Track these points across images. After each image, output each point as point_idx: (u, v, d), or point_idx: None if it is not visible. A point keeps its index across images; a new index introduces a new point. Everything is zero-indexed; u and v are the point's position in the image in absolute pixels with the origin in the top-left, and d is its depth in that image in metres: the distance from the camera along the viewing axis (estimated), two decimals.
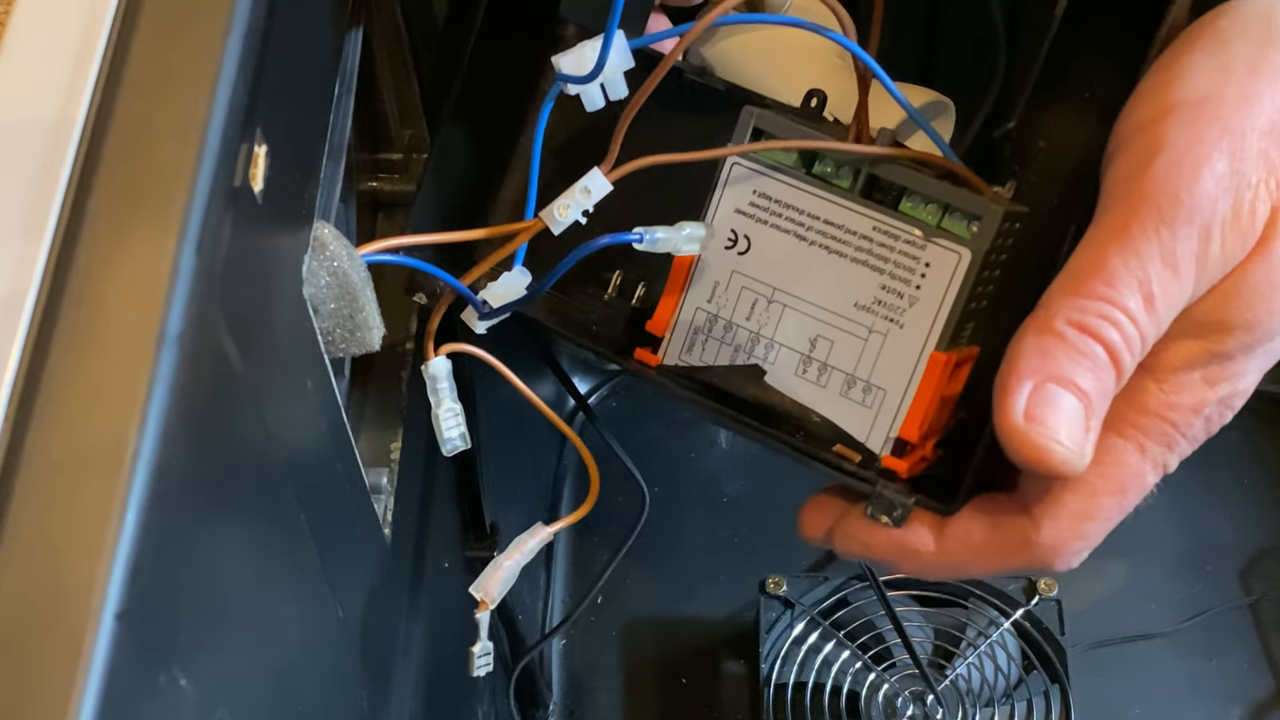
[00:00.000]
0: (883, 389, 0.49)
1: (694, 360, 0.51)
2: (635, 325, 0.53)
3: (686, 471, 0.96)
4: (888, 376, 0.49)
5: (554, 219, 0.49)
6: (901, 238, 0.48)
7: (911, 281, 0.48)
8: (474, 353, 0.53)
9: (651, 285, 0.53)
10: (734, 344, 0.51)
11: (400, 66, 0.58)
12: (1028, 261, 0.48)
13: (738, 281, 0.51)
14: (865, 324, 0.49)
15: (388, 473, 0.54)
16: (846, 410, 0.50)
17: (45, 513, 0.30)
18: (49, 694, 0.28)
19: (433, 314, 0.52)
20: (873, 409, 0.49)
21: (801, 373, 0.50)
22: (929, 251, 0.48)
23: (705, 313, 0.51)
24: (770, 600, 0.85)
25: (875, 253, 0.49)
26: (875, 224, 0.48)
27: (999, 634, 0.83)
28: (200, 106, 0.34)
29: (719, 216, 0.50)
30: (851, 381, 0.50)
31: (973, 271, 0.47)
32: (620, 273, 0.54)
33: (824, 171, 0.49)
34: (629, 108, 0.48)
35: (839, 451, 0.50)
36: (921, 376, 0.48)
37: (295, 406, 0.42)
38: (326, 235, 0.44)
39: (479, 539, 0.72)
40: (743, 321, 0.51)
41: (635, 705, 0.90)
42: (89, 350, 0.31)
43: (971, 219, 0.47)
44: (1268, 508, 0.97)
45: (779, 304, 0.50)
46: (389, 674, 0.55)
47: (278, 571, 0.42)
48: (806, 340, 0.50)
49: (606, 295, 0.54)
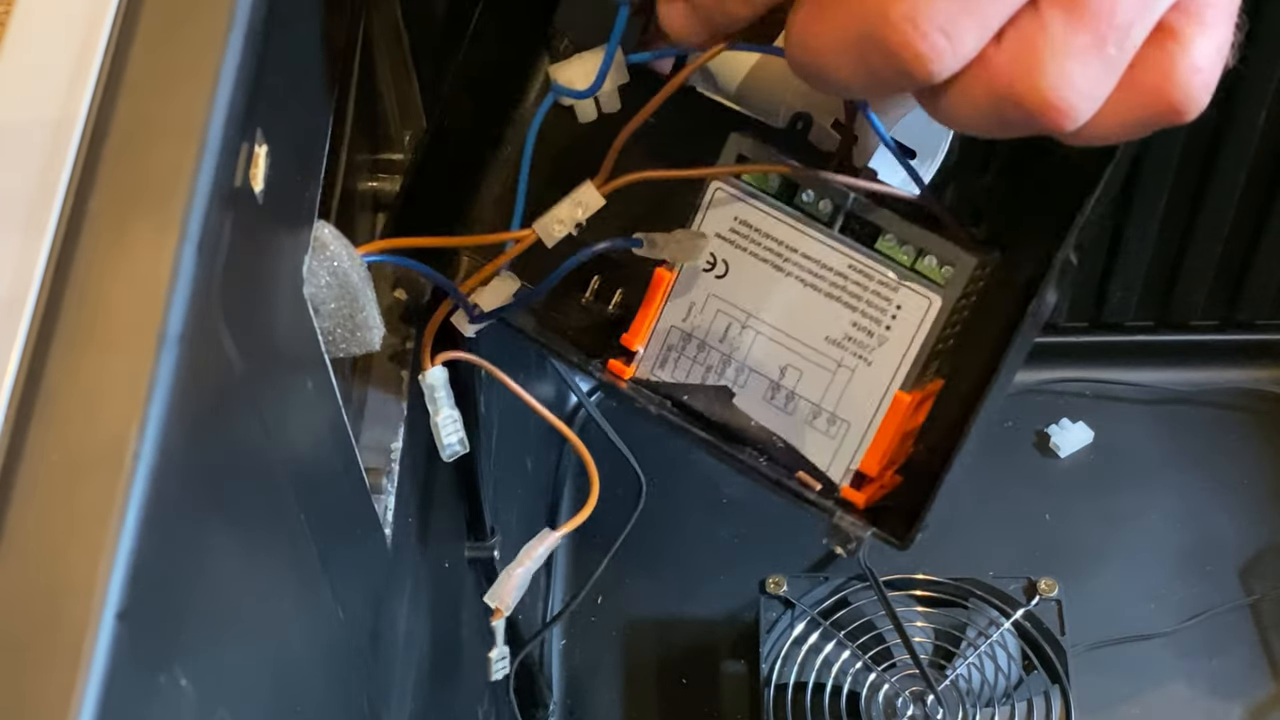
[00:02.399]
0: (847, 421, 0.51)
1: (665, 376, 0.52)
2: (610, 333, 0.54)
3: (686, 471, 0.96)
4: (852, 410, 0.50)
5: (549, 233, 0.50)
6: (875, 278, 0.49)
7: (882, 321, 0.49)
8: (472, 360, 0.53)
9: (629, 293, 0.54)
10: (706, 364, 0.52)
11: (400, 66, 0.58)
12: (997, 301, 0.49)
13: (713, 304, 0.51)
14: (834, 358, 0.50)
15: (388, 473, 0.54)
16: (810, 439, 0.51)
17: (45, 513, 0.30)
18: (49, 694, 0.28)
19: (429, 324, 0.52)
20: (836, 440, 0.51)
21: (769, 399, 0.52)
22: (901, 294, 0.49)
23: (680, 331, 0.52)
24: (770, 600, 0.85)
25: (849, 290, 0.50)
26: (851, 262, 0.49)
27: (999, 634, 0.83)
28: (200, 106, 0.34)
29: None
30: (817, 412, 0.51)
31: (943, 316, 0.48)
32: (598, 278, 0.54)
33: (804, 203, 0.50)
34: (625, 129, 0.49)
35: (800, 478, 0.51)
36: (885, 414, 0.50)
37: (295, 406, 0.42)
38: (327, 235, 0.44)
39: (479, 539, 0.72)
40: (716, 343, 0.52)
41: (635, 705, 0.91)
42: (89, 350, 0.31)
43: (944, 263, 0.48)
44: (1268, 508, 0.97)
45: (752, 330, 0.51)
46: (389, 674, 0.55)
47: (278, 572, 0.42)
48: (776, 368, 0.51)
49: (584, 299, 0.54)
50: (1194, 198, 0.92)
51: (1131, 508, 0.97)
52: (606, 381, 0.53)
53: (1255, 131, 0.88)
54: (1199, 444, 1.00)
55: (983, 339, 0.49)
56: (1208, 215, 0.93)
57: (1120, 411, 1.02)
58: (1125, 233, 0.94)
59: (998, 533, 0.94)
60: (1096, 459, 1.00)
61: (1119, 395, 1.02)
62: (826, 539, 0.50)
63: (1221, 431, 1.01)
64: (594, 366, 0.54)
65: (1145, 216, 0.93)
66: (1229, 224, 0.93)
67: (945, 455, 0.50)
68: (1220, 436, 1.01)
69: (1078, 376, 1.02)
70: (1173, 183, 0.91)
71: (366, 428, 0.55)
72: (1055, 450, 0.99)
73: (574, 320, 0.54)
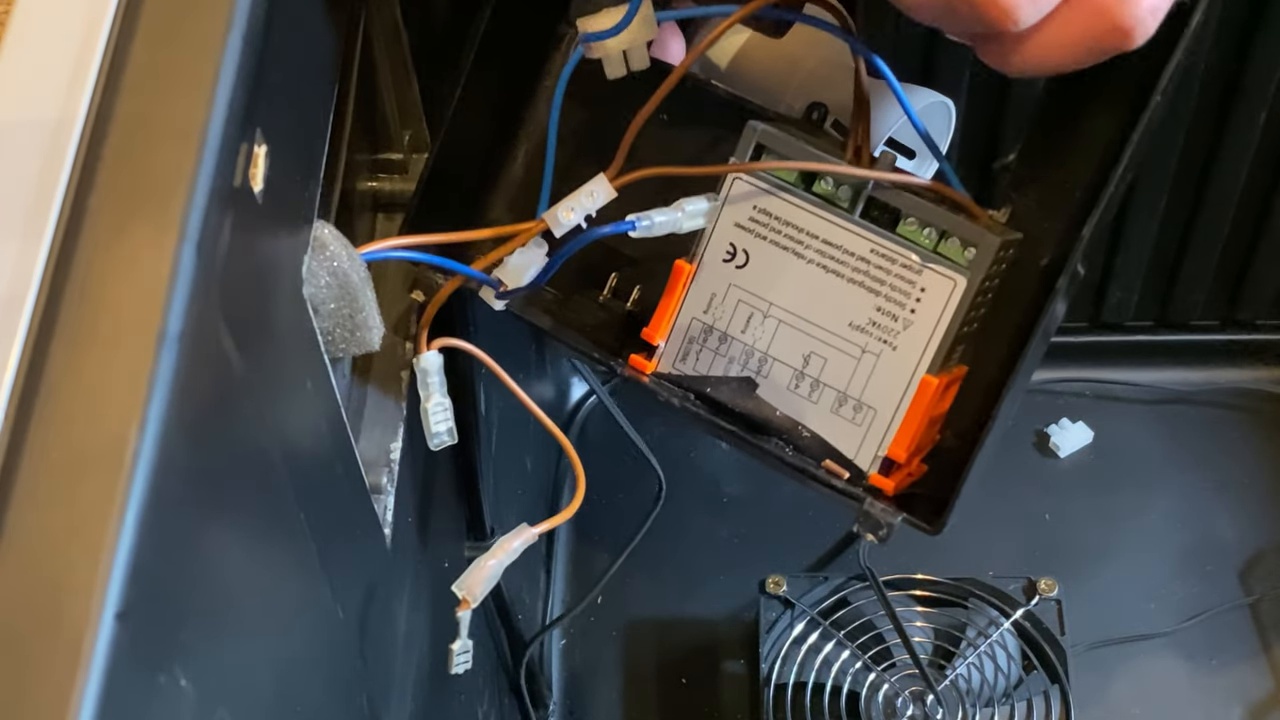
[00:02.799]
0: (873, 408, 0.50)
1: (688, 369, 0.52)
2: (629, 329, 0.53)
3: (687, 471, 0.96)
4: (879, 396, 0.50)
5: (558, 221, 0.49)
6: (898, 261, 0.49)
7: (906, 305, 0.49)
8: (467, 349, 0.53)
9: (647, 289, 0.54)
10: (728, 355, 0.52)
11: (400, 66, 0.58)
12: (1020, 285, 0.49)
13: (734, 294, 0.51)
14: (859, 344, 0.50)
15: (388, 473, 0.54)
16: (836, 427, 0.51)
17: (45, 513, 0.30)
18: (49, 694, 0.28)
19: (427, 308, 0.52)
20: (862, 427, 0.50)
21: (794, 388, 0.51)
22: (925, 276, 0.48)
23: (701, 323, 0.52)
24: (770, 600, 0.85)
25: (872, 274, 0.49)
26: (873, 246, 0.49)
27: (999, 634, 0.83)
28: (200, 106, 0.34)
29: (719, 229, 0.51)
30: (843, 399, 0.50)
31: (968, 298, 0.48)
32: (616, 275, 0.54)
33: (824, 190, 0.50)
34: (636, 119, 0.49)
35: (828, 467, 0.51)
36: (912, 399, 0.49)
37: (295, 406, 0.42)
38: (326, 235, 0.44)
39: (479, 539, 0.72)
40: (738, 334, 0.51)
41: (635, 705, 0.90)
42: (89, 350, 0.31)
43: (967, 245, 0.48)
44: (1268, 508, 0.97)
45: (774, 319, 0.51)
46: (389, 674, 0.55)
47: (278, 571, 0.42)
48: (800, 356, 0.51)
49: (601, 297, 0.54)
50: (1194, 198, 0.92)
51: (1131, 508, 0.97)
52: (629, 377, 0.53)
53: (1255, 131, 0.88)
54: (1199, 444, 1.00)
55: (1005, 324, 0.49)
56: (1208, 215, 0.92)
57: (1120, 411, 1.02)
58: (1125, 233, 0.94)
59: (997, 533, 0.94)
60: (1096, 459, 1.00)
61: (1119, 395, 1.02)
62: (857, 526, 0.50)
63: (1221, 431, 1.01)
64: (616, 363, 0.53)
65: (1145, 216, 0.93)
66: (1229, 224, 0.93)
67: (973, 441, 0.49)
68: (1220, 436, 1.01)
69: (1077, 376, 1.02)
70: (1173, 183, 0.90)
71: (366, 428, 0.55)
72: (1055, 450, 0.99)
73: (591, 318, 0.54)
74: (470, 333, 0.59)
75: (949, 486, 0.49)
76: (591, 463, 0.55)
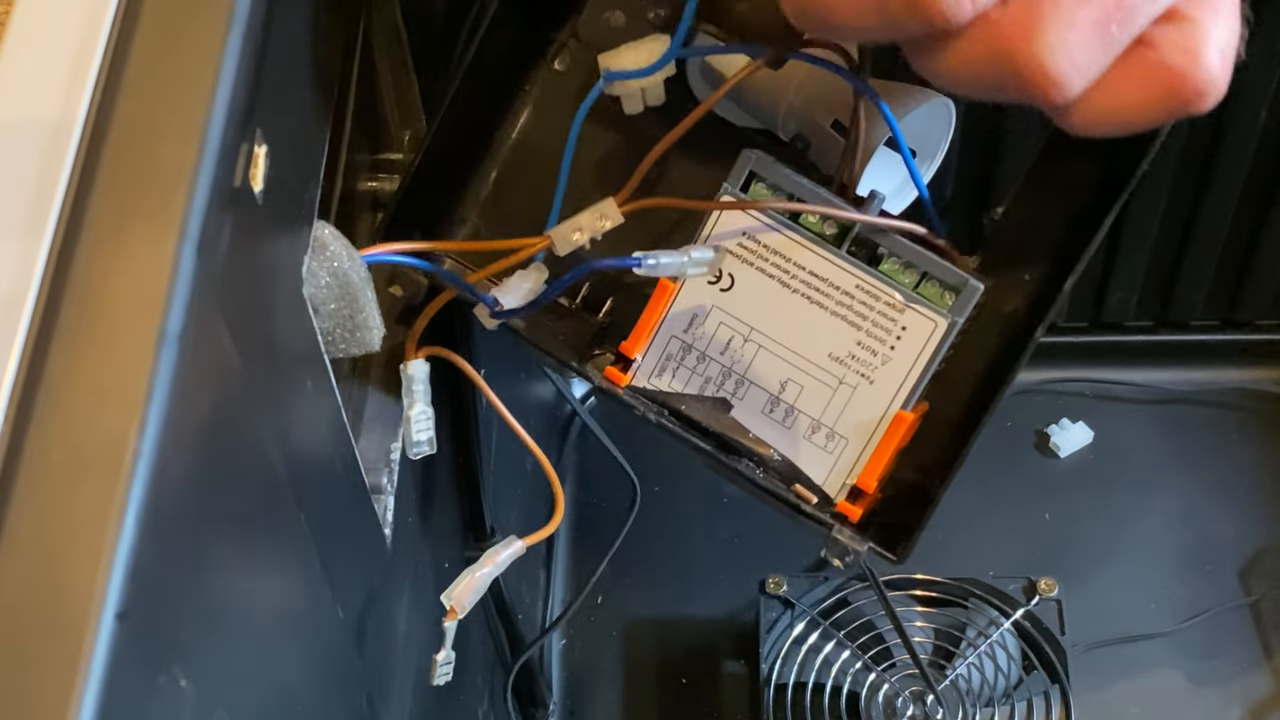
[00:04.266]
0: (845, 438, 0.52)
1: (663, 385, 0.53)
2: (600, 340, 0.54)
3: (686, 472, 0.96)
4: (851, 427, 0.51)
5: (565, 240, 0.50)
6: (882, 299, 0.50)
7: (887, 341, 0.50)
8: (454, 359, 0.53)
9: (619, 302, 0.54)
10: (705, 375, 0.53)
11: (400, 66, 0.58)
12: (986, 328, 0.51)
13: (717, 316, 0.52)
14: (837, 375, 0.51)
15: (388, 473, 0.54)
16: (807, 453, 0.52)
17: (45, 513, 0.30)
18: (49, 694, 0.28)
19: (420, 317, 0.52)
20: (833, 455, 0.52)
21: (768, 412, 0.52)
22: (908, 315, 0.50)
23: (680, 341, 0.52)
24: (770, 600, 0.85)
25: (855, 309, 0.51)
26: (858, 282, 0.50)
27: (999, 634, 0.83)
28: (200, 106, 0.34)
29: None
30: (816, 426, 0.52)
31: (947, 339, 0.50)
32: (587, 285, 0.54)
33: (810, 221, 0.51)
34: (653, 151, 0.49)
35: (797, 491, 0.52)
36: (885, 432, 0.51)
37: (295, 406, 0.42)
38: (326, 235, 0.44)
39: (479, 539, 0.72)
40: (717, 355, 0.52)
41: (635, 705, 0.91)
42: (89, 350, 0.31)
43: (947, 289, 0.50)
44: (1268, 508, 0.97)
45: (755, 344, 0.52)
46: (389, 674, 0.55)
47: (278, 572, 0.42)
48: (777, 382, 0.52)
49: (572, 306, 0.54)
50: (1194, 198, 0.92)
51: (1131, 508, 0.97)
52: (602, 388, 0.54)
53: (1255, 131, 0.87)
54: (1199, 444, 1.00)
55: (968, 364, 0.51)
56: (1208, 215, 0.92)
57: (1120, 411, 1.02)
58: (1125, 233, 0.94)
59: (998, 533, 0.94)
60: (1096, 459, 1.00)
61: (1119, 395, 1.02)
62: (825, 551, 0.52)
63: (1221, 431, 1.01)
64: (589, 371, 0.54)
65: (1145, 216, 0.93)
66: (1229, 224, 0.93)
67: (937, 474, 0.51)
68: (1220, 436, 1.01)
69: (1078, 376, 1.02)
70: (1173, 183, 0.90)
71: (366, 428, 0.55)
72: (1055, 450, 0.99)
73: (561, 325, 0.55)
74: (470, 333, 0.59)
75: (913, 517, 0.51)
76: (592, 462, 0.55)
